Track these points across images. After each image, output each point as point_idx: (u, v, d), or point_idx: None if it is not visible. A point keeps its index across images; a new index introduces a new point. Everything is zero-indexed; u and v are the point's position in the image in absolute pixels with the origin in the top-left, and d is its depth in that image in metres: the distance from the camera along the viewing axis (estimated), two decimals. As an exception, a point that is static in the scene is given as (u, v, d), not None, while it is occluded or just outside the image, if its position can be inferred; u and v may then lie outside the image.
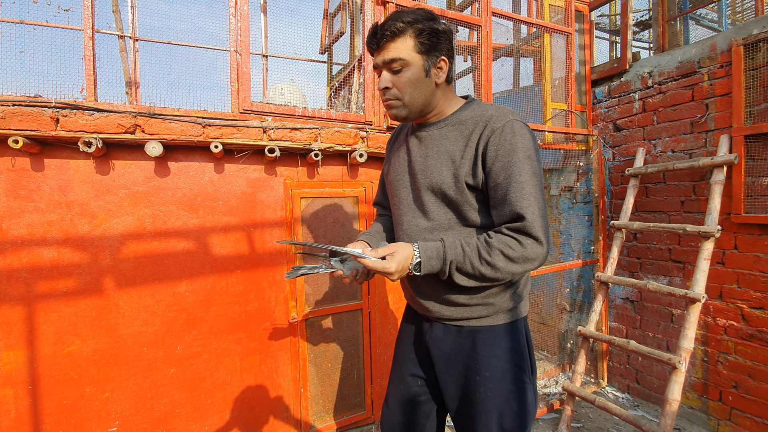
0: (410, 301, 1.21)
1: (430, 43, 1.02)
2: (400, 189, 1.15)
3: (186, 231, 1.79)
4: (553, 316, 3.08)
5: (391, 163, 1.22)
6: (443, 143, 1.06)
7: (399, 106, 1.05)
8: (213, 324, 1.84)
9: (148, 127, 1.62)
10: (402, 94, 1.04)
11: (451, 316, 1.08)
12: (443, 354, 1.10)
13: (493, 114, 1.01)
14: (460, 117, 1.07)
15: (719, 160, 2.01)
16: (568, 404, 2.28)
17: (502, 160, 0.96)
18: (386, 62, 1.02)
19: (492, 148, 0.97)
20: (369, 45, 1.05)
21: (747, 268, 2.03)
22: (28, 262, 1.55)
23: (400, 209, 1.15)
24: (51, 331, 1.59)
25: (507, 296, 1.07)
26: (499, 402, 1.04)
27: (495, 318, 1.07)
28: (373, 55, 1.06)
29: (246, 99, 1.83)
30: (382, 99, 1.08)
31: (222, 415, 1.87)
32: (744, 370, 2.05)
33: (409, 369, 1.21)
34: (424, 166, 1.08)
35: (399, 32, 1.00)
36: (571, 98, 2.63)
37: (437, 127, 1.10)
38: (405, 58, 1.00)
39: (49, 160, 1.58)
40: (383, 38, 1.01)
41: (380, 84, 1.05)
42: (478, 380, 1.05)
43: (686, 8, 3.08)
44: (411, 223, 1.11)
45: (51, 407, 1.59)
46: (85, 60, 1.60)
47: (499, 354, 1.06)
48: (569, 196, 2.97)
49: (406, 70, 1.02)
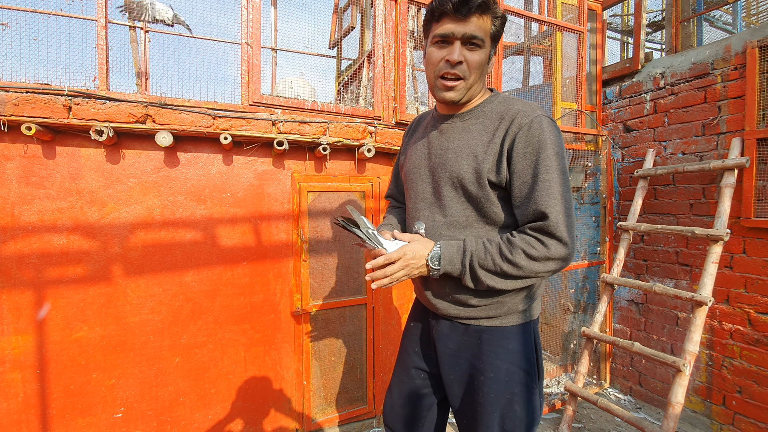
0: (419, 296, 1.20)
1: (500, 31, 0.97)
2: (417, 182, 1.10)
3: (194, 221, 1.80)
4: (557, 316, 3.07)
5: (408, 154, 1.16)
6: (465, 136, 1.01)
7: (461, 88, 0.97)
8: (218, 314, 1.86)
9: (158, 117, 1.63)
10: (470, 73, 0.96)
11: (459, 315, 1.06)
12: (449, 350, 1.09)
13: (520, 109, 0.96)
14: (485, 110, 1.02)
15: (730, 163, 1.99)
16: (570, 404, 2.27)
17: (530, 157, 0.92)
18: (467, 36, 0.92)
19: (519, 144, 0.93)
20: (455, 9, 0.90)
21: (755, 273, 2.01)
22: (39, 248, 1.57)
23: (416, 203, 1.11)
24: (59, 316, 1.61)
25: (520, 297, 1.03)
26: (501, 404, 1.01)
27: (505, 319, 1.03)
28: (442, 20, 0.94)
29: (256, 91, 1.84)
30: (440, 75, 0.97)
31: (225, 404, 1.89)
32: (749, 375, 2.03)
33: (413, 362, 1.21)
34: (444, 159, 1.03)
35: (487, 8, 0.92)
36: (582, 98, 2.61)
37: (460, 120, 1.05)
38: (484, 39, 0.94)
39: (60, 148, 1.60)
40: (473, 8, 0.90)
41: (453, 56, 0.93)
42: (482, 380, 1.03)
43: (700, 9, 3.04)
44: (428, 218, 1.07)
45: (58, 391, 1.62)
46: (98, 49, 1.61)
47: (505, 356, 1.02)
48: (577, 196, 2.95)
49: (480, 51, 0.95)
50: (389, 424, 1.25)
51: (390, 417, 1.24)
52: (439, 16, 0.94)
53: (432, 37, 0.97)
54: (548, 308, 3.16)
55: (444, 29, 0.93)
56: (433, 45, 0.97)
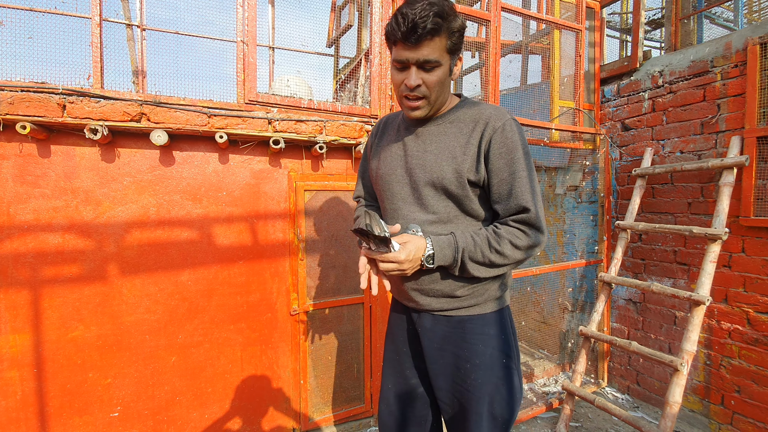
0: (397, 295, 1.21)
1: (458, 43, 1.00)
2: (393, 184, 1.13)
3: (189, 220, 1.80)
4: (554, 315, 3.07)
5: (381, 158, 1.18)
6: (443, 139, 1.07)
7: (424, 106, 1.03)
8: (215, 314, 1.85)
9: (153, 115, 1.62)
10: (430, 93, 1.01)
11: (442, 308, 1.10)
12: (433, 344, 1.12)
13: (492, 113, 1.04)
14: (458, 114, 1.08)
15: (729, 162, 1.98)
16: (567, 403, 2.27)
17: (506, 156, 1.01)
18: (421, 62, 0.96)
19: (495, 146, 1.01)
20: (404, 38, 0.93)
21: (754, 272, 2.00)
22: (35, 247, 1.57)
23: (394, 203, 1.14)
24: (55, 315, 1.61)
25: (496, 284, 1.11)
26: (489, 389, 1.06)
27: (484, 306, 1.10)
28: (397, 45, 0.97)
29: (252, 90, 1.83)
30: (403, 95, 1.02)
31: (222, 404, 1.89)
32: (748, 374, 2.03)
33: (406, 362, 1.22)
34: (424, 161, 1.07)
35: (438, 30, 0.93)
36: (580, 96, 2.60)
37: (435, 124, 1.09)
38: (440, 60, 0.97)
39: (55, 147, 1.59)
40: (423, 36, 0.92)
41: (410, 81, 0.98)
42: (468, 368, 1.07)
43: (701, 6, 3.02)
44: (409, 217, 1.10)
45: (55, 390, 1.62)
46: (92, 47, 1.60)
47: (488, 342, 1.09)
48: (574, 195, 2.94)
49: (437, 71, 0.99)
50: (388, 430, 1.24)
51: (389, 422, 1.24)
52: (394, 41, 0.98)
53: (392, 59, 1.02)
54: (546, 307, 3.16)
55: (399, 56, 0.98)
56: (394, 68, 1.02)
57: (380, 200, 1.21)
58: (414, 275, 1.09)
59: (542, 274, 2.98)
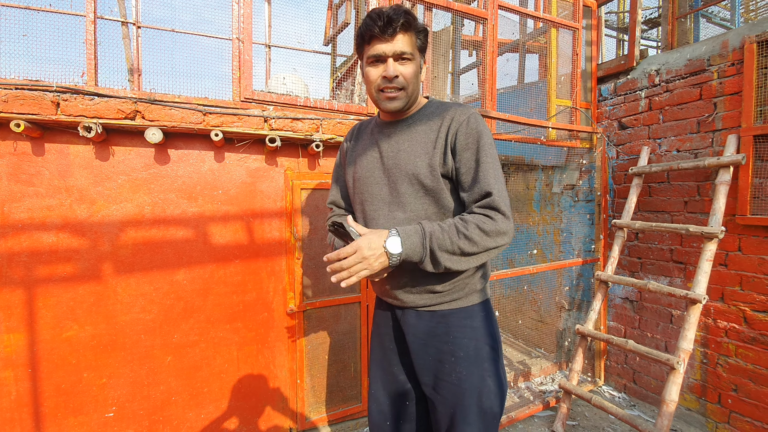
0: (379, 294, 1.22)
1: (424, 44, 1.11)
2: (372, 186, 1.15)
3: (185, 219, 1.79)
4: (551, 314, 3.07)
5: (357, 162, 1.21)
6: (414, 136, 1.11)
7: (402, 97, 1.08)
8: (210, 313, 1.85)
9: (148, 113, 1.61)
10: (407, 84, 1.07)
11: (426, 303, 1.11)
12: (418, 339, 1.13)
13: (457, 109, 1.10)
14: (426, 113, 1.14)
15: (726, 161, 1.98)
16: (564, 402, 2.27)
17: (471, 147, 1.06)
18: (398, 53, 1.04)
19: (461, 137, 1.06)
20: (381, 31, 1.01)
21: (751, 271, 2.00)
22: (29, 246, 1.56)
23: (373, 205, 1.15)
24: (50, 315, 1.60)
25: (477, 277, 1.14)
26: (475, 381, 1.08)
27: (466, 299, 1.12)
28: (372, 42, 1.04)
29: (247, 87, 1.82)
30: (381, 89, 1.07)
31: (218, 403, 1.88)
32: (745, 373, 2.03)
33: (392, 360, 1.23)
34: (398, 160, 1.11)
35: (409, 26, 1.04)
36: (577, 95, 2.60)
37: (405, 124, 1.15)
38: (413, 53, 1.06)
39: (49, 145, 1.58)
40: (397, 28, 1.01)
41: (389, 71, 1.04)
42: (453, 361, 1.08)
43: (697, 5, 3.03)
44: (387, 217, 1.12)
45: (50, 390, 1.61)
46: (87, 44, 1.59)
47: (472, 334, 1.10)
48: (571, 194, 2.94)
49: (411, 63, 1.07)
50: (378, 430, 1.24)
51: (379, 421, 1.23)
52: (369, 39, 1.05)
53: (366, 58, 1.08)
54: (543, 306, 3.16)
55: (376, 50, 1.04)
56: (369, 65, 1.08)
57: (357, 204, 1.22)
58: (395, 273, 1.09)
59: (539, 272, 2.98)
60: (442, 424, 1.11)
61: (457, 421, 1.07)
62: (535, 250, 3.23)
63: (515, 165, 2.87)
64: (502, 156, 2.67)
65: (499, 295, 3.40)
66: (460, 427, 1.07)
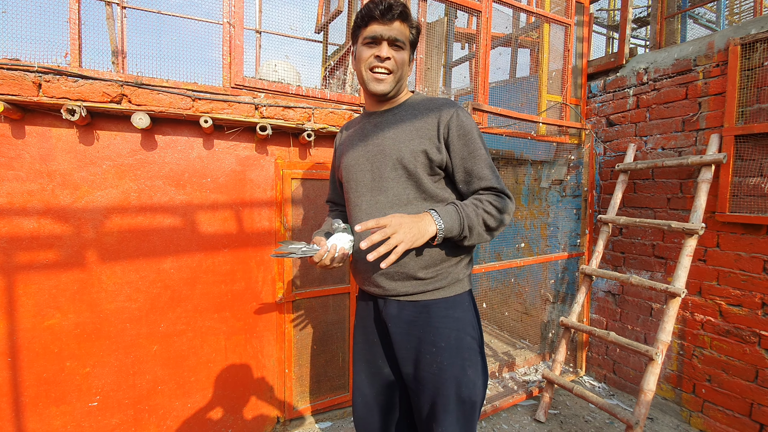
0: (362, 284, 1.22)
1: (416, 40, 1.17)
2: (357, 173, 1.18)
3: (172, 207, 1.75)
4: (536, 306, 3.13)
5: (345, 153, 1.25)
6: (400, 125, 1.14)
7: (390, 81, 1.13)
8: (198, 302, 1.83)
9: (135, 97, 1.56)
10: (397, 68, 1.12)
11: (408, 291, 1.11)
12: (400, 329, 1.13)
13: (444, 102, 1.14)
14: (412, 103, 1.18)
15: (708, 159, 2.04)
16: (547, 392, 2.33)
17: (463, 138, 1.10)
18: (392, 38, 1.09)
19: (453, 130, 1.10)
20: (381, 15, 1.07)
21: (728, 266, 2.08)
22: (8, 231, 1.51)
23: (357, 191, 1.18)
24: (31, 303, 1.55)
25: (460, 266, 1.15)
26: (455, 371, 1.08)
27: (449, 289, 1.13)
28: (370, 25, 1.09)
29: (238, 73, 1.78)
30: (371, 67, 1.11)
31: (205, 393, 1.87)
32: (719, 364, 2.12)
33: (375, 352, 1.23)
34: (383, 146, 1.14)
35: (406, 16, 1.10)
36: (567, 91, 2.63)
37: (391, 113, 1.18)
38: (405, 43, 1.12)
39: (30, 127, 1.52)
40: (396, 15, 1.07)
41: (382, 52, 1.09)
42: (434, 351, 1.09)
43: (685, 6, 3.08)
44: (370, 202, 1.15)
45: (31, 380, 1.57)
46: (70, 23, 1.53)
47: (454, 324, 1.11)
48: (559, 189, 2.99)
49: (403, 51, 1.13)
50: (364, 424, 1.25)
51: (363, 413, 1.24)
52: (367, 21, 1.10)
53: (362, 39, 1.12)
54: (528, 298, 3.22)
55: (373, 31, 1.09)
56: (364, 45, 1.12)
57: (345, 194, 1.24)
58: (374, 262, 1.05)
59: (525, 266, 3.04)
60: (423, 412, 1.12)
61: (437, 410, 1.08)
62: (522, 244, 3.28)
63: (505, 159, 2.90)
64: (492, 150, 2.68)
65: (486, 287, 3.45)
66: (440, 415, 1.08)
